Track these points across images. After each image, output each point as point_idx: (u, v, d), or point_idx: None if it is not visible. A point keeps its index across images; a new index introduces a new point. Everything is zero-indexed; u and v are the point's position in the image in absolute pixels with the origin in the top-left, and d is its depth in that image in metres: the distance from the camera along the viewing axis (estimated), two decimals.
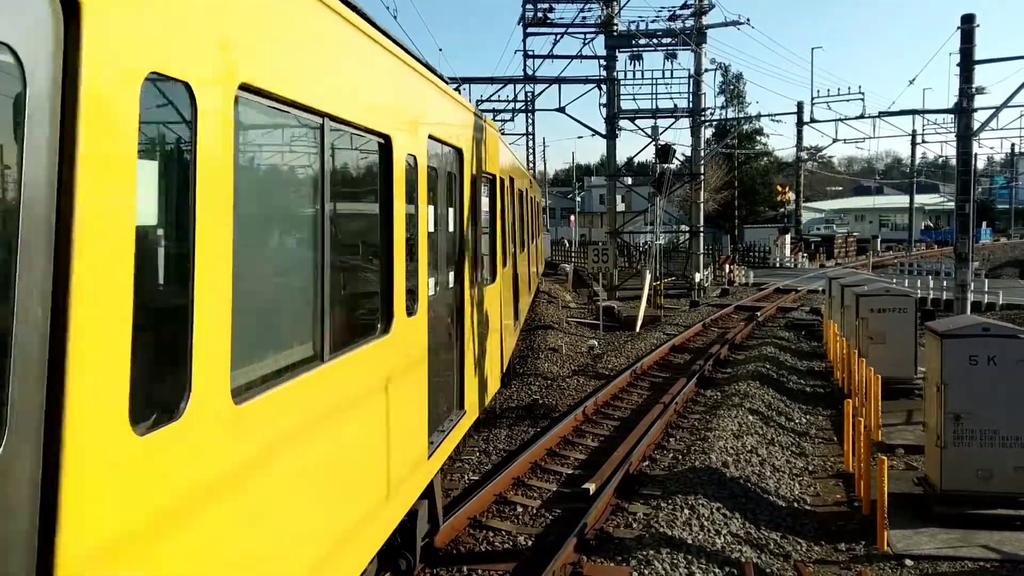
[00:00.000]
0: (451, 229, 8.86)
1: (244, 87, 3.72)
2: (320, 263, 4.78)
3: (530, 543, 9.45)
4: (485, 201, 11.25)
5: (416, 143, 6.86)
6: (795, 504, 11.13)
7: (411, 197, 6.71)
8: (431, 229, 7.69)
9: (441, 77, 8.53)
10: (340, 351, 5.02)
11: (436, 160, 7.97)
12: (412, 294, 6.71)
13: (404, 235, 6.35)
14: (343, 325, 5.35)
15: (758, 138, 71.70)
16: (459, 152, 9.13)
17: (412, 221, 6.80)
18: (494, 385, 11.54)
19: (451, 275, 8.90)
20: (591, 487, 10.92)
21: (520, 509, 10.49)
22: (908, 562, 9.16)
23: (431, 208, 7.71)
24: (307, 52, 4.51)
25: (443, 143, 8.28)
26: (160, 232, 3.41)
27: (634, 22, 37.04)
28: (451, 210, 8.86)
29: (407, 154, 6.49)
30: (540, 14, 36.72)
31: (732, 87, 69.60)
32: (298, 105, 4.38)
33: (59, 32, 2.56)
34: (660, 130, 37.53)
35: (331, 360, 4.83)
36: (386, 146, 5.99)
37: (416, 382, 6.82)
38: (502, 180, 12.85)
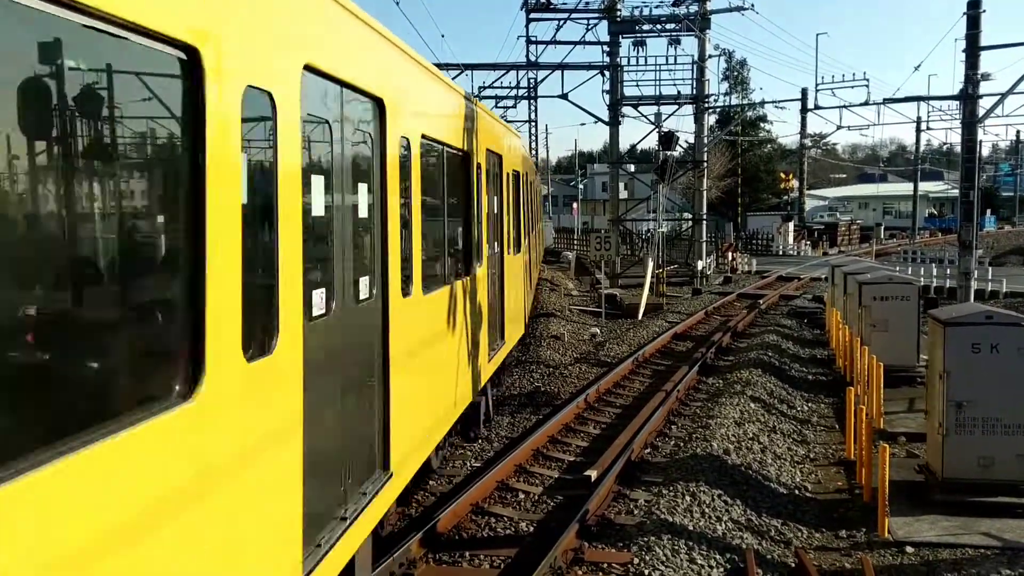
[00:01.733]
0: (501, 212, 11.60)
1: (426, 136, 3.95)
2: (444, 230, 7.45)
3: (532, 529, 9.49)
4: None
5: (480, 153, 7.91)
6: (796, 491, 11.15)
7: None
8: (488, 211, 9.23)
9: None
10: (449, 282, 7.32)
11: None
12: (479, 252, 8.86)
13: (478, 217, 8.58)
14: (453, 266, 8.07)
15: (762, 125, 71.37)
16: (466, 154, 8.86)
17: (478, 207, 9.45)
18: (520, 330, 14.95)
19: (496, 244, 11.28)
20: (593, 474, 10.95)
21: (522, 496, 10.53)
22: (909, 549, 9.19)
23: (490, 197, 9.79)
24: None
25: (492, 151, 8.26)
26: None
27: (637, 7, 36.94)
28: (496, 199, 11.23)
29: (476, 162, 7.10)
30: None
31: (736, 73, 69.23)
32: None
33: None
34: (663, 117, 37.44)
35: (444, 287, 7.13)
36: (464, 157, 6.47)
37: (487, 311, 9.06)
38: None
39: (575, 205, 69.41)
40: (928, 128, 66.66)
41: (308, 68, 4.86)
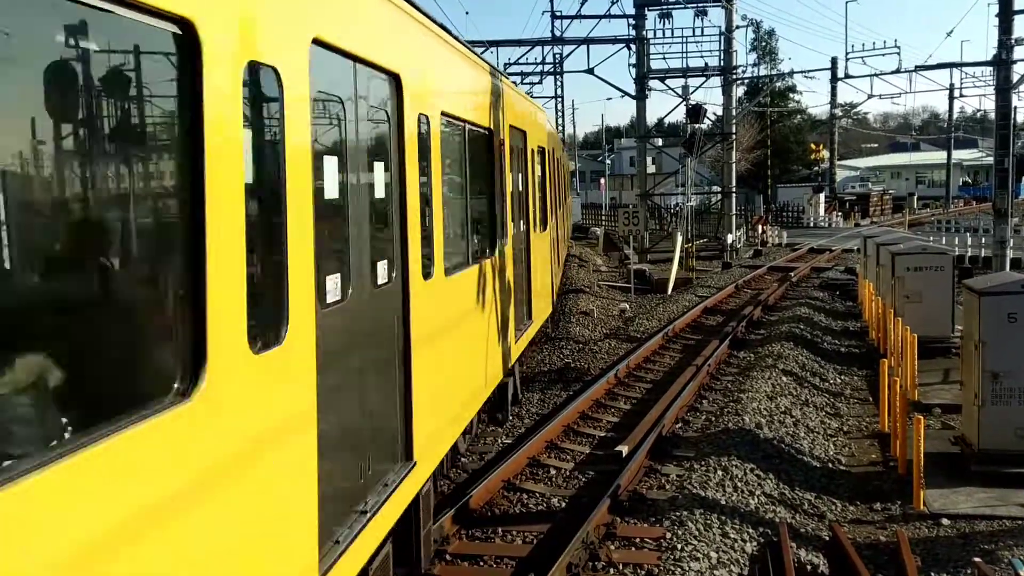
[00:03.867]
0: (527, 189, 11.98)
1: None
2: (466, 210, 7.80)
3: (564, 505, 9.52)
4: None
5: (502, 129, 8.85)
6: (830, 464, 11.09)
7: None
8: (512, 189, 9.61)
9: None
10: (473, 262, 8.04)
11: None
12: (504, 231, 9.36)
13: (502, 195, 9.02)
14: (477, 247, 8.63)
15: (791, 95, 70.47)
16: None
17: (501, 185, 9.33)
18: (548, 308, 15.38)
19: (521, 222, 11.63)
20: (624, 449, 10.96)
21: (553, 472, 10.57)
22: (945, 521, 9.11)
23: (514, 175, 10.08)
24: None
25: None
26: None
27: None
28: (520, 176, 11.42)
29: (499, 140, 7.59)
30: None
31: (764, 44, 68.33)
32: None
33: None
34: (691, 90, 37.04)
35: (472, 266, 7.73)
36: (488, 135, 7.07)
37: (513, 290, 9.41)
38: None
39: (602, 180, 69.10)
40: (961, 95, 65.41)
41: (317, 42, 4.60)
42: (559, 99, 49.69)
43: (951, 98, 69.77)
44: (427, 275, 6.77)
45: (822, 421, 12.96)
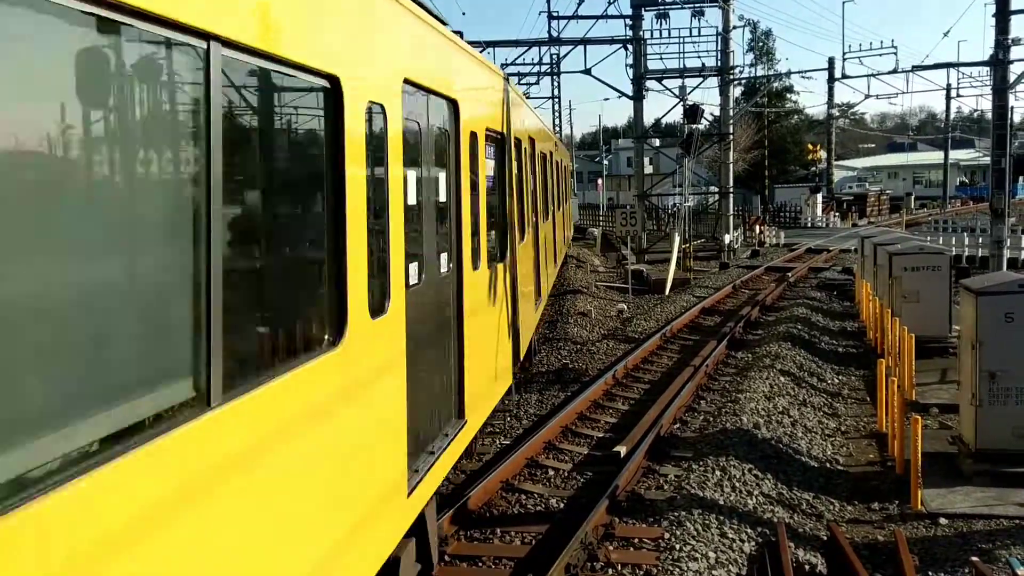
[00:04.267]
0: (536, 189, 13.07)
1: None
2: (500, 211, 9.06)
3: (562, 505, 9.53)
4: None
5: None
6: (828, 464, 11.11)
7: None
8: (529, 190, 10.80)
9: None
10: (503, 255, 9.32)
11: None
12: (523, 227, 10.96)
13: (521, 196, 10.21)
14: (506, 241, 9.67)
15: (788, 96, 70.52)
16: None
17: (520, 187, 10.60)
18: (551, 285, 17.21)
19: (533, 217, 12.66)
20: (622, 450, 10.97)
21: (552, 472, 10.57)
22: (942, 521, 9.13)
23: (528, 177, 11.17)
24: None
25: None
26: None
27: None
28: (532, 178, 12.60)
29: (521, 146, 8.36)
30: None
31: (761, 44, 68.39)
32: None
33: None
34: (688, 90, 37.11)
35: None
36: (512, 143, 7.40)
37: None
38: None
39: (600, 181, 69.08)
40: (958, 95, 65.53)
41: (407, 81, 5.85)
42: (556, 100, 49.76)
43: (948, 98, 69.90)
44: (475, 266, 8.07)
45: (820, 421, 12.98)
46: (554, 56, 40.80)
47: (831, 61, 56.25)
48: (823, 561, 8.27)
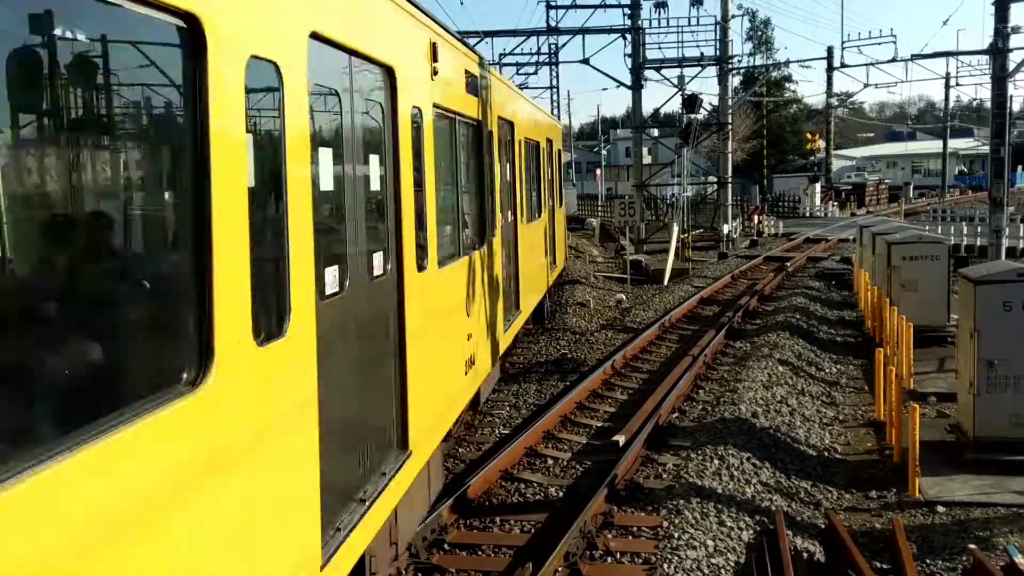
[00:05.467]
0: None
1: None
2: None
3: (561, 494, 9.56)
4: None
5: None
6: (825, 453, 11.14)
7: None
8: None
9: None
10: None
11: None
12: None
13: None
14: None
15: (787, 85, 70.39)
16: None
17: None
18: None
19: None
20: (621, 439, 10.99)
21: (551, 462, 10.60)
22: (940, 508, 9.16)
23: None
24: None
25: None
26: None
27: None
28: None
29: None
30: None
31: (760, 33, 68.25)
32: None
33: None
34: (686, 80, 37.04)
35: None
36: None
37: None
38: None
39: (598, 171, 69.01)
40: (957, 84, 65.27)
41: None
42: (554, 90, 49.61)
43: (947, 87, 69.81)
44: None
45: (818, 410, 13.01)
46: (552, 46, 40.57)
47: (830, 50, 56.09)
48: (821, 549, 8.30)
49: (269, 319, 4.07)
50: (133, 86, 3.32)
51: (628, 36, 36.23)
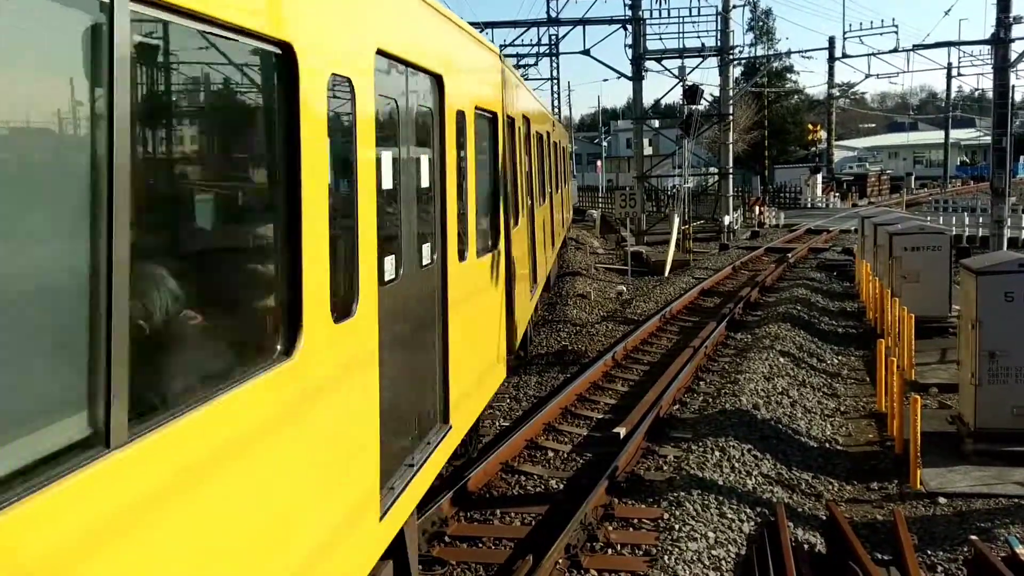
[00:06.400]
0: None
1: None
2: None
3: (562, 487, 9.55)
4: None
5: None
6: (827, 444, 11.13)
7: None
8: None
9: None
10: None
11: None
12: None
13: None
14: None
15: (788, 76, 70.14)
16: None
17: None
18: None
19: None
20: (621, 431, 10.98)
21: (551, 454, 10.59)
22: (941, 500, 9.15)
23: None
24: None
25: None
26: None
27: None
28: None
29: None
30: None
31: (761, 23, 68.08)
32: None
33: None
34: (687, 70, 36.93)
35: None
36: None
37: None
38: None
39: (599, 163, 68.91)
40: (959, 74, 64.97)
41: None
42: (555, 81, 49.47)
43: (949, 77, 69.56)
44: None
45: (819, 401, 12.99)
46: (553, 37, 40.48)
47: (831, 40, 55.86)
48: (822, 541, 8.29)
49: (343, 302, 4.63)
50: (242, 102, 4.09)
51: (629, 27, 36.14)
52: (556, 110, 44.84)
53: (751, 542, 8.15)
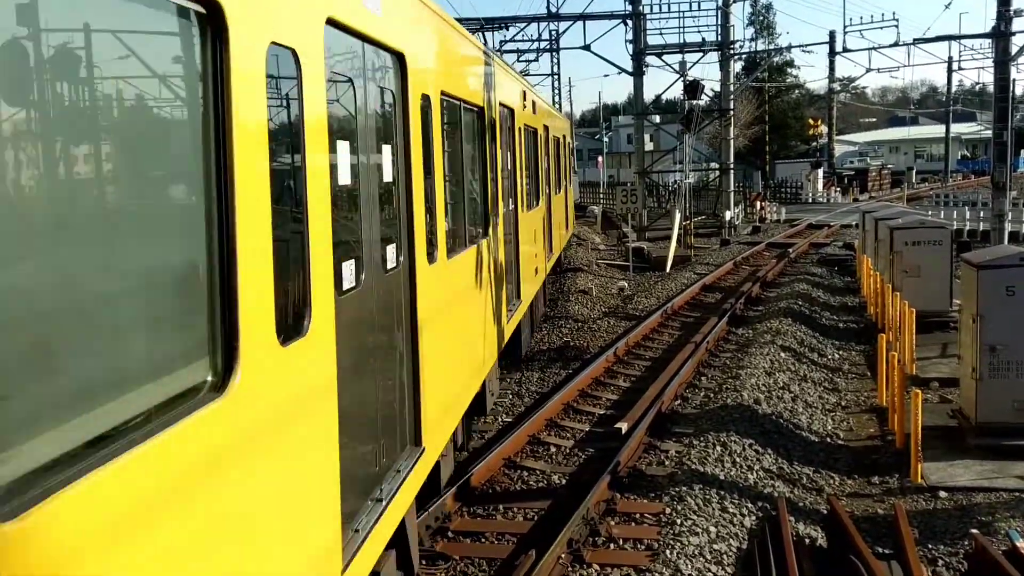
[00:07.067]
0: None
1: None
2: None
3: (564, 482, 9.58)
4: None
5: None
6: (828, 439, 11.15)
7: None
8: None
9: None
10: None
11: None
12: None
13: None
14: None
15: (789, 70, 70.10)
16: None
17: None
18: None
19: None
20: (623, 426, 11.02)
21: (553, 449, 10.62)
22: (942, 494, 9.17)
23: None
24: None
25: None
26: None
27: None
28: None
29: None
30: None
31: (761, 18, 67.92)
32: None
33: None
34: (688, 65, 36.92)
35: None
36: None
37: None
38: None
39: (600, 158, 68.84)
40: (960, 68, 65.07)
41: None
42: (555, 76, 49.45)
43: (949, 71, 69.47)
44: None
45: (820, 396, 13.02)
46: (553, 32, 40.47)
47: (832, 34, 55.90)
48: (823, 535, 8.32)
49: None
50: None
51: (629, 22, 36.13)
52: (557, 105, 44.85)
53: (752, 536, 8.18)
